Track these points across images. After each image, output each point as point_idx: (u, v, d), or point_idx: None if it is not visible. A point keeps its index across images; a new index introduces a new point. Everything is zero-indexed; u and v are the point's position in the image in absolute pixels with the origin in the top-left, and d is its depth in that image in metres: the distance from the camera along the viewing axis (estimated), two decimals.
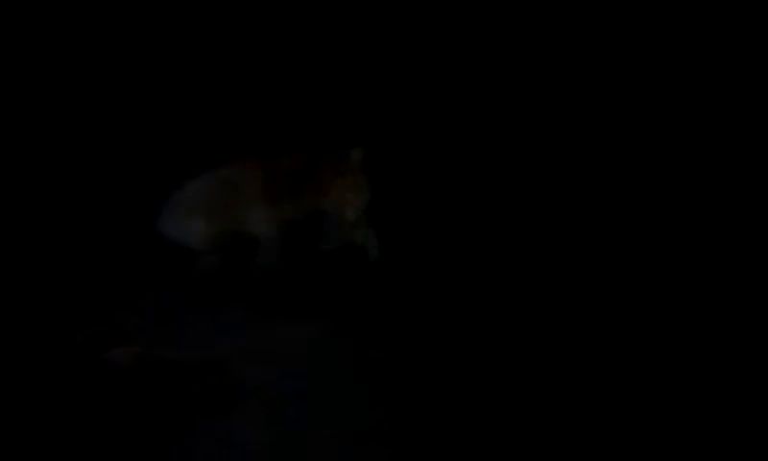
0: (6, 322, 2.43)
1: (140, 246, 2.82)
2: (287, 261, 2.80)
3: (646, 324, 2.42)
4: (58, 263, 2.79)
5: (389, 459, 1.89)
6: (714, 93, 3.69)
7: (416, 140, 3.78)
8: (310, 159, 2.80)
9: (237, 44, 4.03)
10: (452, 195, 3.42)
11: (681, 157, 3.38)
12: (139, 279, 2.70)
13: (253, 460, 1.86)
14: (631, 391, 2.10)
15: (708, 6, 3.84)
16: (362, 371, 2.25)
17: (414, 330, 2.46)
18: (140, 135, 3.62)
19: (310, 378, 2.17)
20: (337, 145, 2.94)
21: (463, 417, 2.03)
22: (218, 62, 4.00)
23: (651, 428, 1.96)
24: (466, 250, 2.99)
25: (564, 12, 4.06)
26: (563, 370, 2.21)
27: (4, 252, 2.83)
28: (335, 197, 2.84)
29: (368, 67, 4.02)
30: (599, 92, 3.92)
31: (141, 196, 3.03)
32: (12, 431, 1.94)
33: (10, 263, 2.78)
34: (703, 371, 2.17)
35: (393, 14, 4.09)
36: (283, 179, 2.72)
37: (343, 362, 2.29)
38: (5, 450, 1.88)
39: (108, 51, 3.86)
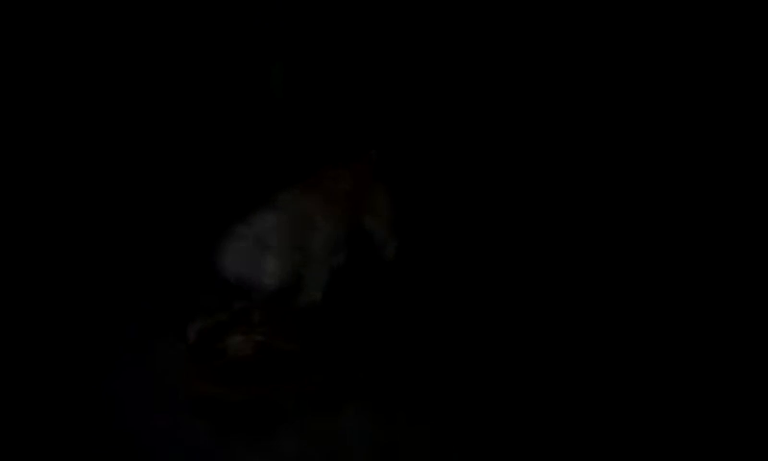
0: (125, 309, 2.57)
1: None
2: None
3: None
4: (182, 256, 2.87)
5: None
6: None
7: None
8: (354, 172, 2.72)
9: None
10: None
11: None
12: None
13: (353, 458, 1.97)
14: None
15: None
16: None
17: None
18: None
19: (410, 387, 2.23)
20: (352, 148, 2.91)
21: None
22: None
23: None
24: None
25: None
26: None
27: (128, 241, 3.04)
28: (376, 205, 2.82)
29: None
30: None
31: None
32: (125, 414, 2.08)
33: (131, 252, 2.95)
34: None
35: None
36: (340, 199, 2.59)
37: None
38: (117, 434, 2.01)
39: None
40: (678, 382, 2.25)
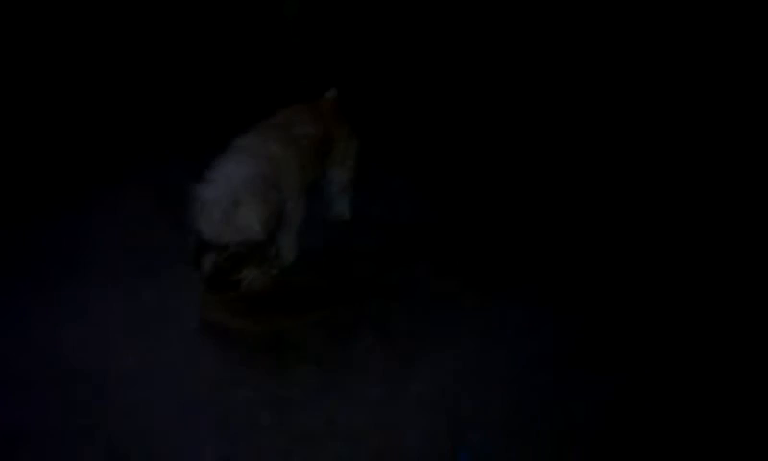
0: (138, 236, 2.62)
1: None
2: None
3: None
4: None
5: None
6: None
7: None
8: (318, 114, 2.53)
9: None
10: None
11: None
12: None
13: (368, 386, 2.01)
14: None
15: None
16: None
17: None
18: None
19: (422, 316, 2.29)
20: (311, 91, 2.72)
21: None
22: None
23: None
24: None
25: None
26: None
27: None
28: (340, 152, 2.63)
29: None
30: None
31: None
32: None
33: None
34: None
35: None
36: (306, 143, 2.40)
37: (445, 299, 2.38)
38: None
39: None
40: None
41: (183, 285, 2.34)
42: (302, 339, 2.17)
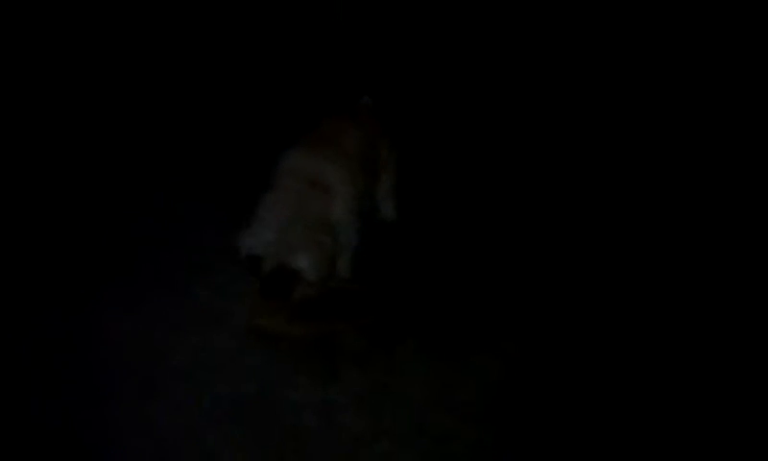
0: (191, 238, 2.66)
1: None
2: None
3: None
4: None
5: None
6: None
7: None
8: (360, 124, 2.49)
9: None
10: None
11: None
12: None
13: (414, 392, 2.01)
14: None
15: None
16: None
17: None
18: None
19: (467, 323, 2.28)
20: (345, 100, 2.72)
21: None
22: None
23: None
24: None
25: None
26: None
27: None
28: (384, 159, 2.63)
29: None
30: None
31: None
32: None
33: None
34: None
35: None
36: (360, 156, 2.38)
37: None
38: None
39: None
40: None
41: (234, 285, 2.38)
42: (348, 343, 2.18)
